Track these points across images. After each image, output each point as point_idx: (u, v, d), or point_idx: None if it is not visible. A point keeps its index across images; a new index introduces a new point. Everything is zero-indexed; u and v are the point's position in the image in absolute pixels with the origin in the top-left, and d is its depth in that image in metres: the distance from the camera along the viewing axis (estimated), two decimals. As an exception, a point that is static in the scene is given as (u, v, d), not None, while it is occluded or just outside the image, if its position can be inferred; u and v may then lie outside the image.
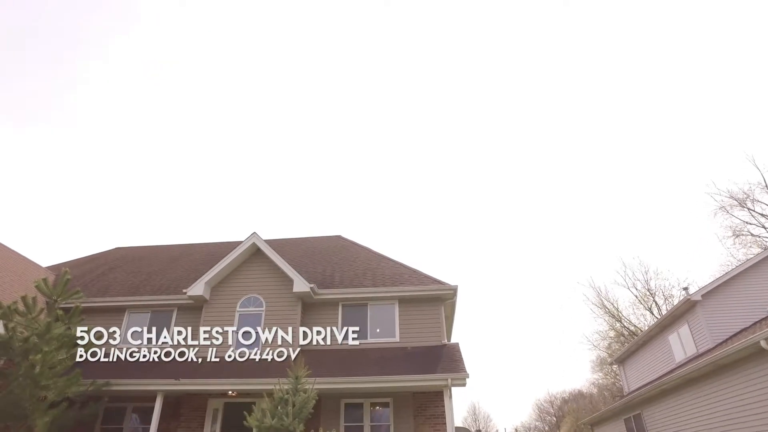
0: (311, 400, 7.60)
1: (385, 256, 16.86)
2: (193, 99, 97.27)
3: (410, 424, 12.47)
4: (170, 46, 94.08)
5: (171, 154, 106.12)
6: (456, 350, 13.23)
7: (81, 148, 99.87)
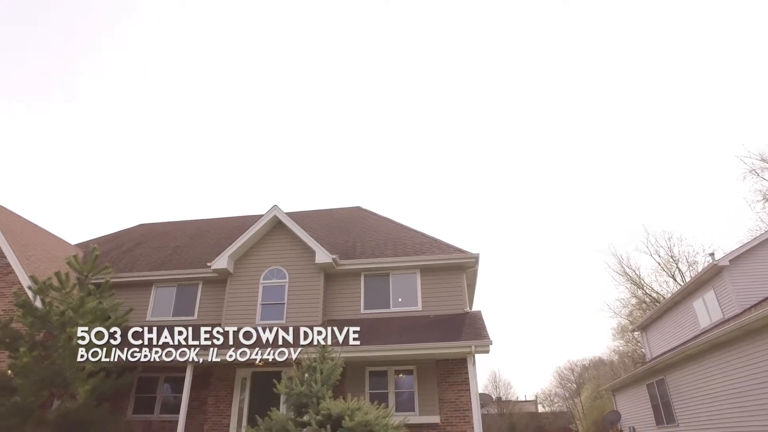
0: (338, 368, 7.74)
1: (406, 225, 16.86)
2: (211, 75, 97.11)
3: (434, 390, 12.67)
4: (189, 21, 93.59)
5: (189, 131, 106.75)
6: (478, 318, 13.30)
7: (100, 127, 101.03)
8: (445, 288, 14.09)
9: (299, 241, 14.49)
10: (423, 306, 13.94)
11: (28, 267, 13.26)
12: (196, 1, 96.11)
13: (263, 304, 13.99)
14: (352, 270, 14.36)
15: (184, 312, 14.90)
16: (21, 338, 10.69)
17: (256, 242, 14.83)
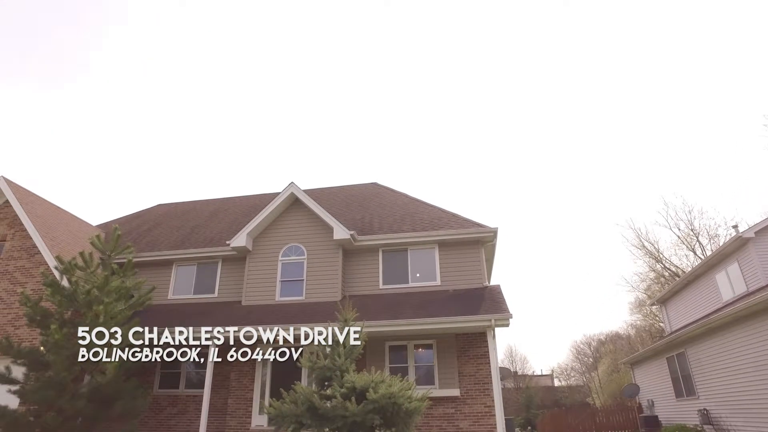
0: (362, 340, 7.77)
1: (423, 201, 16.78)
2: (228, 54, 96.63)
3: (453, 364, 12.75)
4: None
5: (205, 110, 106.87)
6: (498, 292, 13.27)
7: (117, 108, 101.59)
8: (464, 262, 14.06)
9: (317, 218, 14.52)
10: (442, 281, 13.94)
11: (53, 248, 13.51)
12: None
13: (282, 281, 14.12)
14: (370, 246, 14.37)
15: (205, 290, 15.11)
16: (51, 316, 10.92)
17: (274, 220, 14.90)
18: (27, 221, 14.00)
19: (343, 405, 6.37)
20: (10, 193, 14.64)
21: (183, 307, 14.65)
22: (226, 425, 12.84)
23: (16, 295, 13.38)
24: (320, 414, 6.59)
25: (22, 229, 14.30)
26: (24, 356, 10.50)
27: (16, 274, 13.86)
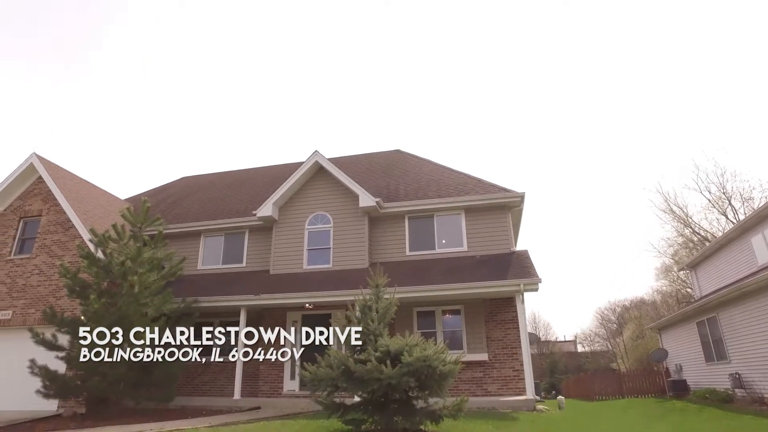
0: (393, 306, 7.79)
1: (448, 167, 16.56)
2: (247, 25, 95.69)
3: (481, 329, 12.79)
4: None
5: (224, 81, 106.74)
6: (525, 257, 13.14)
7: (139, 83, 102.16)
8: (490, 228, 13.92)
9: (342, 186, 14.48)
10: (468, 246, 13.86)
11: (85, 221, 13.80)
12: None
13: (309, 250, 14.23)
14: (395, 213, 14.32)
15: (233, 260, 15.35)
16: (89, 287, 11.25)
17: (299, 189, 14.93)
18: (60, 196, 14.30)
19: (378, 368, 6.43)
20: (43, 169, 14.92)
21: (212, 276, 14.94)
22: (259, 390, 13.22)
23: (55, 268, 13.79)
24: (355, 377, 6.67)
25: (56, 204, 14.62)
26: (67, 325, 10.89)
27: (54, 247, 14.26)
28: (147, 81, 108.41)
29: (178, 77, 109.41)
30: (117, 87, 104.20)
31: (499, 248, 13.65)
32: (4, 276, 14.32)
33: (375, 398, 7.03)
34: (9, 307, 13.84)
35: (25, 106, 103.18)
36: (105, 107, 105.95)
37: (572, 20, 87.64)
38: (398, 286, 11.97)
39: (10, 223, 15.06)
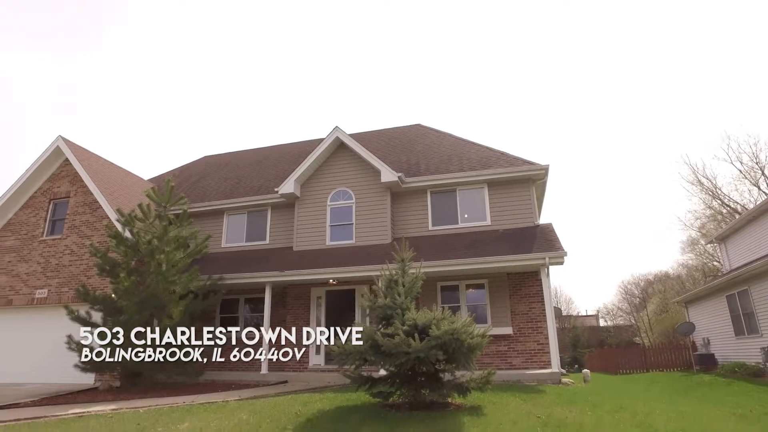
0: (419, 280, 7.77)
1: (470, 140, 16.29)
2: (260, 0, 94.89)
3: (506, 303, 12.73)
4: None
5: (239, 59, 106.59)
6: (550, 230, 12.96)
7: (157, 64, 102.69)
8: (514, 201, 13.73)
9: (363, 162, 14.40)
10: (492, 220, 13.72)
11: (112, 202, 14.04)
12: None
13: (332, 226, 14.27)
14: (418, 187, 14.21)
15: (256, 237, 15.49)
16: (118, 265, 11.51)
17: (320, 165, 14.89)
18: (87, 178, 14.54)
19: (406, 342, 6.43)
20: (69, 151, 15.17)
21: (236, 254, 15.12)
22: (285, 365, 13.43)
23: (85, 248, 14.12)
24: (383, 351, 6.69)
25: (83, 186, 14.89)
26: (99, 302, 11.20)
27: (83, 228, 14.59)
28: (166, 60, 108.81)
29: (197, 56, 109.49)
30: (135, 67, 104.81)
31: (523, 222, 13.48)
32: (38, 256, 14.75)
33: (402, 371, 7.06)
34: (45, 286, 14.29)
35: (42, 87, 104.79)
36: (124, 88, 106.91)
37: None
38: (422, 260, 12.04)
39: (41, 204, 15.44)
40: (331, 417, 6.86)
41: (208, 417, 7.08)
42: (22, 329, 14.32)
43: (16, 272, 14.81)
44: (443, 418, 6.74)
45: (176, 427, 6.48)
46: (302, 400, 8.43)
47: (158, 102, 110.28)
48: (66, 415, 8.12)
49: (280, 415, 6.98)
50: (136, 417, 7.40)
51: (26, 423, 7.73)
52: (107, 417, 7.59)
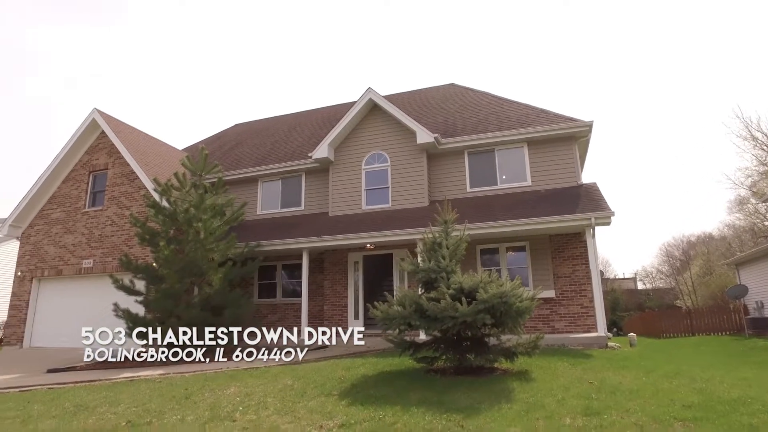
0: (463, 242, 7.45)
1: (508, 98, 15.55)
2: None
3: (548, 265, 12.33)
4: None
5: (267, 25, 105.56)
6: (594, 189, 12.35)
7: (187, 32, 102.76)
8: (556, 160, 13.11)
9: (397, 123, 13.96)
10: (532, 181, 13.17)
11: (148, 172, 14.13)
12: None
13: (367, 190, 14.01)
14: (454, 148, 13.71)
15: (291, 204, 15.41)
16: (158, 234, 11.61)
17: (354, 128, 14.53)
18: (123, 149, 14.66)
19: (453, 306, 6.19)
20: (104, 123, 15.28)
21: (272, 221, 15.11)
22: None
23: (125, 218, 14.36)
24: (427, 315, 6.49)
25: (119, 157, 15.04)
26: (141, 271, 11.37)
27: (122, 198, 14.81)
28: (193, 29, 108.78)
29: (227, 23, 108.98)
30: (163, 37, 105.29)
31: (566, 182, 12.88)
32: (82, 227, 15.12)
33: (448, 336, 6.86)
34: (90, 256, 14.69)
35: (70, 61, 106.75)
36: (152, 59, 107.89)
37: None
38: (461, 222, 11.70)
39: (81, 177, 15.73)
40: (376, 382, 6.75)
41: (252, 382, 7.09)
42: (71, 297, 14.87)
43: (63, 243, 15.26)
44: (491, 383, 6.54)
45: (222, 392, 6.50)
46: (344, 365, 8.38)
47: (187, 72, 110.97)
48: (118, 379, 8.35)
49: (324, 381, 6.92)
50: (184, 382, 7.50)
51: (84, 386, 7.99)
52: (156, 381, 7.74)
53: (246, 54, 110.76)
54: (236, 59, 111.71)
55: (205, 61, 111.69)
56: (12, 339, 14.99)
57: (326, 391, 6.31)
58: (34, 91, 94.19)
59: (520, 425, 4.75)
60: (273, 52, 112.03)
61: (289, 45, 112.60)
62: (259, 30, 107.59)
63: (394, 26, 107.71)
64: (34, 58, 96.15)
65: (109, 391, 7.15)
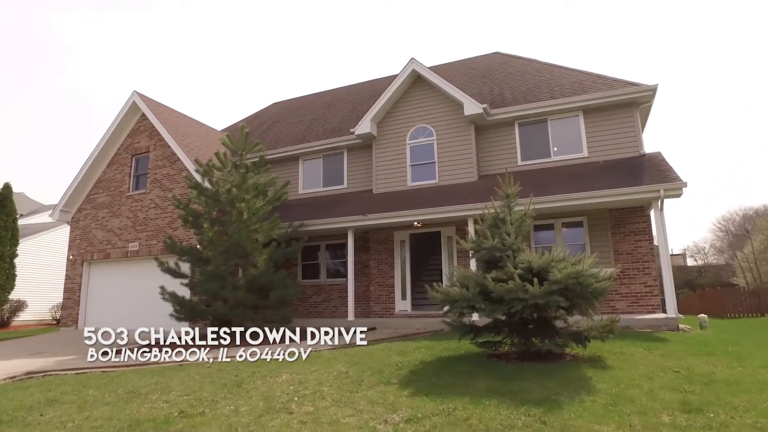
0: (528, 218, 6.81)
1: (557, 65, 14.50)
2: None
3: (607, 241, 11.50)
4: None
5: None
6: (660, 159, 11.34)
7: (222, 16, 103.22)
8: (615, 129, 12.14)
9: (443, 95, 13.24)
10: (589, 152, 12.27)
11: (189, 153, 13.98)
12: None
13: (413, 165, 13.42)
14: (504, 119, 12.90)
15: (334, 182, 15.00)
16: (201, 216, 11.43)
17: (397, 101, 13.89)
18: (164, 131, 14.55)
19: (523, 287, 5.61)
20: (144, 106, 15.20)
21: (314, 200, 14.77)
22: (371, 311, 13.17)
23: (168, 201, 14.33)
24: (491, 297, 5.94)
25: (160, 139, 14.95)
26: (186, 253, 11.24)
27: (164, 181, 14.76)
28: (229, 7, 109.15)
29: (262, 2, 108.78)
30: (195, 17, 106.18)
31: (626, 151, 11.92)
32: (127, 211, 15.22)
33: (514, 320, 6.29)
34: (136, 239, 14.78)
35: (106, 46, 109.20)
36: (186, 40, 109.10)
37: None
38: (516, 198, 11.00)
39: (124, 161, 15.78)
40: (437, 369, 6.28)
41: (304, 368, 6.76)
42: (120, 279, 15.08)
43: (110, 227, 15.42)
44: (562, 370, 5.97)
45: (275, 380, 6.17)
46: (398, 349, 7.97)
47: (222, 51, 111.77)
48: (167, 363, 8.20)
49: (380, 367, 6.51)
50: (234, 367, 7.25)
51: (135, 369, 7.89)
52: (205, 366, 7.52)
53: (283, 31, 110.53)
54: (273, 36, 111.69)
55: (240, 40, 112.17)
56: (68, 320, 15.38)
57: (384, 378, 5.89)
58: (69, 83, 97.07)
59: (611, 422, 4.17)
60: (309, 29, 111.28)
61: (326, 20, 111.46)
62: (295, 6, 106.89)
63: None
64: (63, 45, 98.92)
65: (159, 376, 6.97)
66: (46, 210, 25.85)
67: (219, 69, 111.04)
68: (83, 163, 15.93)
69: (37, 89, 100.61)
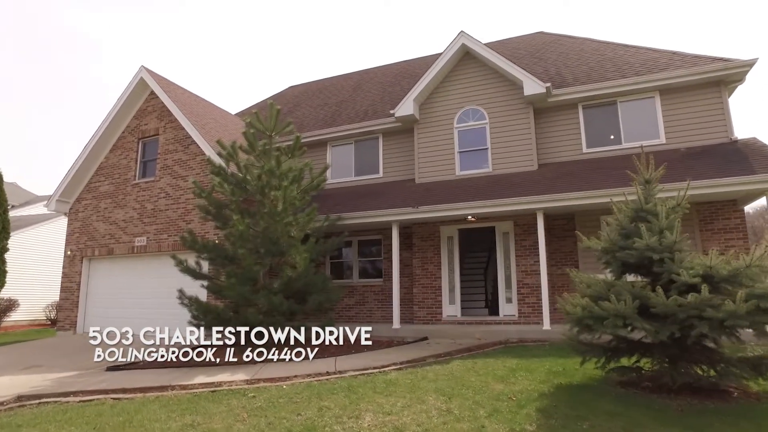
0: (680, 210, 5.27)
1: (622, 43, 12.95)
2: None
3: (695, 239, 10.02)
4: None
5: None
6: (759, 146, 9.87)
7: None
8: (698, 112, 10.66)
9: (496, 73, 11.68)
10: (667, 138, 10.77)
11: (205, 136, 12.34)
12: None
13: (461, 152, 11.85)
14: (566, 101, 11.37)
15: (367, 170, 13.42)
16: (225, 207, 9.81)
17: (442, 81, 12.29)
18: (176, 110, 12.89)
19: (709, 301, 4.10)
20: (154, 82, 13.53)
21: (345, 190, 13.19)
22: (414, 316, 11.61)
23: (181, 190, 12.70)
24: (653, 314, 4.43)
25: (171, 121, 13.30)
26: (209, 251, 9.61)
27: (176, 167, 13.09)
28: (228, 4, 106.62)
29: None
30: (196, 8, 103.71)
31: (713, 137, 10.44)
32: (133, 201, 13.56)
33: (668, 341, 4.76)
34: (143, 233, 13.13)
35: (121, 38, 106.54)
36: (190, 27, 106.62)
37: None
38: (580, 189, 9.50)
39: (130, 145, 14.11)
40: (571, 404, 4.76)
41: (388, 401, 5.21)
42: (125, 278, 13.45)
43: (114, 219, 13.77)
44: (748, 412, 4.48)
45: (356, 423, 4.59)
46: (484, 371, 6.45)
47: (225, 39, 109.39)
48: (195, 388, 6.61)
49: (487, 401, 4.99)
50: (284, 396, 5.68)
51: (156, 397, 6.28)
52: (248, 396, 5.89)
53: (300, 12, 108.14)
54: (288, 17, 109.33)
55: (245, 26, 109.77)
56: (66, 324, 13.71)
57: (508, 421, 4.34)
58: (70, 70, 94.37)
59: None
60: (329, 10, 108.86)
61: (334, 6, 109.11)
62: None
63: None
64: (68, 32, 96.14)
65: (193, 412, 5.31)
66: (41, 201, 24.07)
67: (221, 56, 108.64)
68: (83, 147, 14.24)
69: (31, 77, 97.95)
